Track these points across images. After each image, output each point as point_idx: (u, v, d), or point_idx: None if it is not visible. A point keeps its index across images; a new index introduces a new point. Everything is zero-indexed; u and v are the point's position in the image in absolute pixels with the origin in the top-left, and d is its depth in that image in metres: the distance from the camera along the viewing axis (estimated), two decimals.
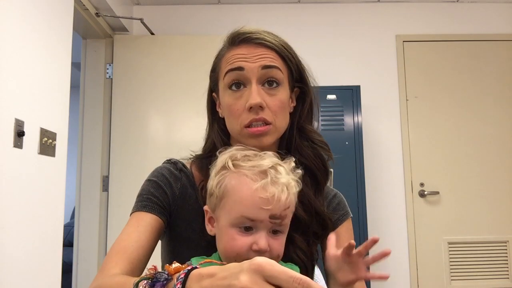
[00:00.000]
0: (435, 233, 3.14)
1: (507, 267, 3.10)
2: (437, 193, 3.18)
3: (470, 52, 3.35)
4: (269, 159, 0.74)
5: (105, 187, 2.92)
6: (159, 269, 0.60)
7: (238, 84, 0.84)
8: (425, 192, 3.18)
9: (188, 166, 0.91)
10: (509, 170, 3.21)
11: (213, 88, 0.93)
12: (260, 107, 0.81)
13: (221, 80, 0.87)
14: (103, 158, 2.94)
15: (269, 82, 0.84)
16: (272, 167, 0.72)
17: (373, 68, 3.32)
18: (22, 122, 1.76)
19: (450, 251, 3.12)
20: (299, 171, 0.77)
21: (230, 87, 0.84)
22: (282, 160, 0.77)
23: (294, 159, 0.78)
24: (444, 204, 3.18)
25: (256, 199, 0.68)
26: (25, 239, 1.78)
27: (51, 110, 2.01)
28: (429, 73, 3.33)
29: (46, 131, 1.93)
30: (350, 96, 3.05)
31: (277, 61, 0.84)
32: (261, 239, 0.68)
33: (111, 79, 3.02)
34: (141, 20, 3.01)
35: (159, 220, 0.82)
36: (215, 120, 0.93)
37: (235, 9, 3.37)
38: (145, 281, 0.57)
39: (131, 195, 0.87)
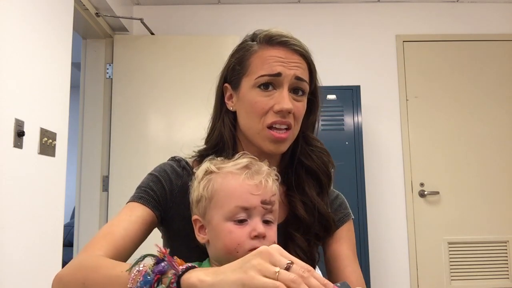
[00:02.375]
0: (435, 233, 3.14)
1: (507, 267, 3.10)
2: (437, 193, 3.18)
3: (470, 52, 3.35)
4: (246, 158, 0.78)
5: (105, 187, 2.92)
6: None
7: (268, 85, 0.86)
8: (425, 192, 3.18)
9: (191, 164, 0.92)
10: (509, 170, 3.21)
11: (229, 79, 0.92)
12: (288, 113, 0.84)
13: (249, 76, 0.87)
14: (103, 158, 2.94)
15: (295, 90, 0.87)
16: (251, 162, 0.77)
17: (373, 68, 3.32)
18: (22, 122, 1.76)
19: (450, 251, 3.12)
20: (274, 167, 0.81)
21: (259, 86, 0.86)
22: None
23: (267, 161, 0.83)
24: (444, 204, 3.18)
25: (246, 187, 0.72)
26: (25, 239, 1.78)
27: (51, 110, 2.01)
28: (429, 73, 3.33)
29: (46, 131, 1.93)
30: (350, 96, 3.05)
31: (306, 73, 0.88)
32: (258, 224, 0.71)
33: (111, 79, 3.02)
34: (141, 20, 3.01)
35: (152, 214, 0.83)
36: (224, 112, 0.92)
37: (235, 9, 3.37)
38: (153, 258, 0.59)
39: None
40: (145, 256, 0.59)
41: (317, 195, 0.90)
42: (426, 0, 3.38)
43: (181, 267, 0.56)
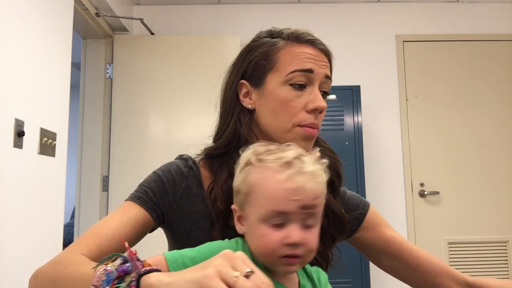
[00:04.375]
0: (435, 233, 3.14)
1: (507, 267, 3.10)
2: (437, 193, 3.18)
3: (470, 52, 3.35)
4: (293, 150, 0.70)
5: (105, 187, 2.92)
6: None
7: (303, 85, 0.83)
8: (425, 192, 3.18)
9: (198, 164, 0.88)
10: (509, 170, 3.21)
11: (249, 75, 0.87)
12: (320, 112, 0.83)
13: (276, 72, 0.83)
14: (103, 158, 2.94)
15: (322, 91, 0.86)
16: (297, 157, 0.68)
17: (373, 68, 3.32)
18: (22, 122, 1.76)
19: (450, 251, 3.12)
20: (325, 161, 0.73)
21: (292, 84, 0.82)
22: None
23: (318, 149, 0.76)
24: (444, 204, 3.18)
25: (283, 191, 0.65)
26: (25, 239, 1.78)
27: (51, 110, 2.01)
28: (429, 73, 3.33)
29: (46, 131, 1.93)
30: (350, 96, 3.05)
31: (330, 74, 0.87)
32: (294, 231, 0.65)
33: (111, 79, 3.02)
34: (141, 20, 3.01)
35: (147, 216, 0.81)
36: (240, 110, 0.87)
37: (235, 9, 3.37)
38: (121, 258, 0.58)
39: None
40: (113, 255, 0.59)
41: (330, 196, 0.87)
42: (426, 0, 3.38)
43: (145, 268, 0.56)
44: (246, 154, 0.72)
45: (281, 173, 0.66)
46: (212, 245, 0.69)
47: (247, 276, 0.50)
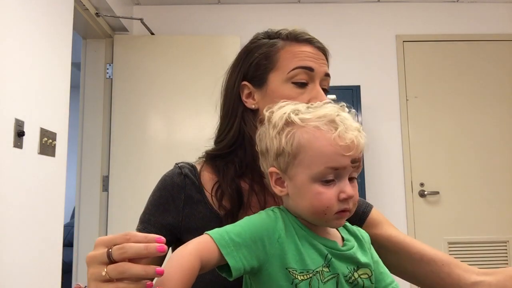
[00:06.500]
0: (435, 233, 3.14)
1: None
2: (437, 193, 3.18)
3: (470, 52, 3.35)
4: (330, 107, 0.72)
5: (105, 187, 2.92)
6: None
7: (303, 83, 0.85)
8: (425, 192, 3.18)
9: (198, 167, 0.89)
10: (509, 170, 3.21)
11: (251, 76, 0.89)
12: None
13: (278, 71, 0.86)
14: (103, 158, 2.94)
15: (322, 88, 0.88)
16: (338, 114, 0.70)
17: (373, 68, 3.32)
18: (22, 122, 1.76)
19: (450, 251, 3.11)
20: (354, 111, 0.76)
21: (294, 83, 0.85)
22: None
23: (345, 104, 0.77)
24: (444, 204, 3.18)
25: (337, 148, 0.66)
26: (25, 239, 1.78)
27: (51, 110, 2.01)
28: (429, 73, 3.33)
29: (46, 131, 1.93)
30: (350, 96, 3.05)
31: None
32: (347, 186, 0.67)
33: (111, 79, 3.02)
34: (141, 20, 3.01)
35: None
36: (243, 111, 0.88)
37: (235, 9, 3.37)
38: None
39: (131, 195, 0.87)
40: None
41: None
42: (426, 0, 3.38)
43: None
44: (282, 114, 0.71)
45: (331, 131, 0.67)
46: (253, 219, 0.68)
47: (108, 256, 0.54)
